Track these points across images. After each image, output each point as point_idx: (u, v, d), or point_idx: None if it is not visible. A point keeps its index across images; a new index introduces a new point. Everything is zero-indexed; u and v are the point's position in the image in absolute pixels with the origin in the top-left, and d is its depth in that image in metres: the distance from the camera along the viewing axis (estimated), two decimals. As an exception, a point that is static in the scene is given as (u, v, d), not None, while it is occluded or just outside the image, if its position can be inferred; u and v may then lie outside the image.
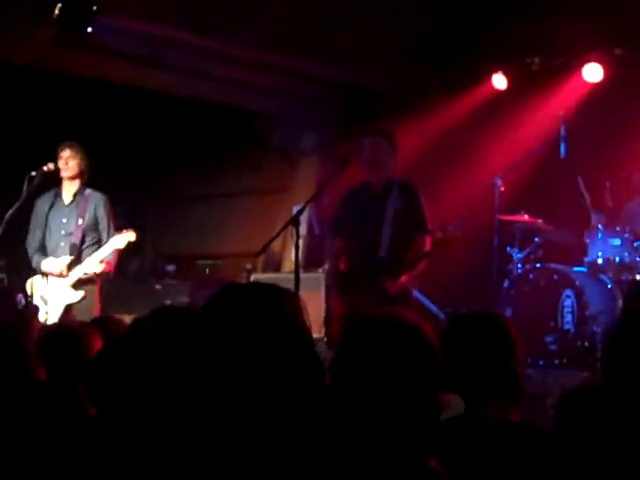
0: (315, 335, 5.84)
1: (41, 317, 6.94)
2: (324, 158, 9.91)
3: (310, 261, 8.69)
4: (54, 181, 7.17)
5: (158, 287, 9.81)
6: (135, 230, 6.99)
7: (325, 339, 6.17)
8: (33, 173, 6.95)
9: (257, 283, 2.30)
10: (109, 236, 7.02)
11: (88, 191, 7.17)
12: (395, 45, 8.79)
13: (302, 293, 5.83)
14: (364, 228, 6.21)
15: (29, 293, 7.06)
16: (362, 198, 6.36)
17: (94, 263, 6.90)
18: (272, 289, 2.21)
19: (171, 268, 10.32)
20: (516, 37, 8.56)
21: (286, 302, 2.18)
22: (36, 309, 6.98)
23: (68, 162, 7.05)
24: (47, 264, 7.00)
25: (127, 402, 2.93)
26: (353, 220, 6.34)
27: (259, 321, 2.10)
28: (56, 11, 7.33)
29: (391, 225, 6.14)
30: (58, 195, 7.17)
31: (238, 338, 2.09)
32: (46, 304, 6.96)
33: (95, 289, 7.00)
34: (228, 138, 10.27)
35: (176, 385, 2.42)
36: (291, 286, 5.81)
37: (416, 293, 7.55)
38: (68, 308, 6.92)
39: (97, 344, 4.00)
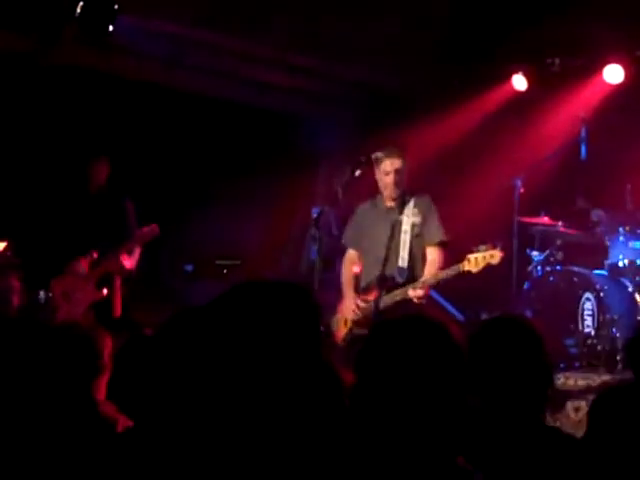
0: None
1: (62, 315, 6.98)
2: (345, 159, 9.89)
3: (328, 262, 8.67)
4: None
5: (176, 287, 9.81)
6: (158, 226, 7.06)
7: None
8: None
9: (274, 281, 2.25)
10: (130, 234, 7.06)
11: (112, 191, 7.25)
12: (416, 46, 8.77)
13: (323, 294, 5.87)
14: (380, 240, 6.24)
15: (51, 290, 7.10)
16: (375, 211, 6.43)
17: (116, 261, 6.94)
18: (288, 287, 2.19)
19: (189, 268, 10.32)
20: (536, 38, 8.53)
21: (303, 299, 2.17)
22: (56, 305, 7.02)
23: (100, 174, 7.28)
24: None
25: (149, 403, 2.94)
26: (368, 233, 6.41)
27: (275, 319, 2.10)
28: (78, 10, 7.35)
29: (409, 237, 6.18)
30: (83, 194, 7.29)
31: (246, 335, 2.08)
32: (68, 302, 6.99)
33: (116, 288, 7.03)
34: (249, 138, 10.26)
35: (191, 389, 2.42)
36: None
37: (434, 295, 7.55)
38: (89, 306, 6.94)
39: (107, 345, 4.02)
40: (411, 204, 6.31)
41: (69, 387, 3.72)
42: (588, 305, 7.09)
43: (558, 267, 7.56)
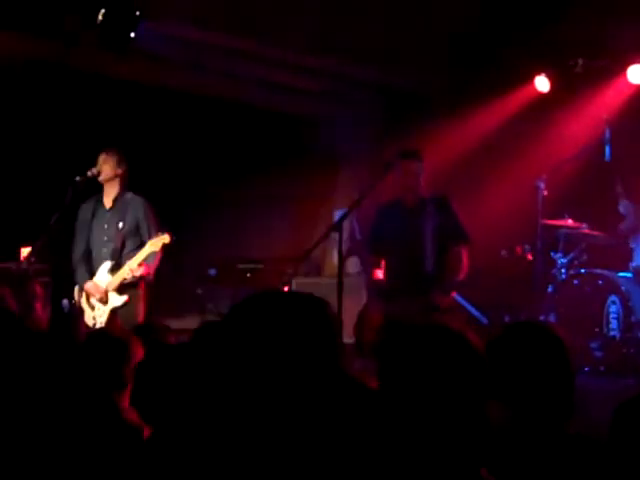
0: (347, 340, 5.83)
1: (89, 322, 6.98)
2: (366, 162, 9.89)
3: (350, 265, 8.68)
4: (98, 186, 7.20)
5: (199, 291, 9.83)
6: (170, 233, 6.97)
7: (356, 344, 6.18)
8: (77, 178, 6.99)
9: (285, 291, 2.21)
10: (150, 240, 7.01)
11: (128, 195, 7.15)
12: (436, 48, 8.75)
13: (344, 297, 5.84)
14: (404, 244, 6.27)
15: (76, 298, 7.10)
16: (395, 215, 6.43)
17: (133, 267, 6.90)
18: (301, 298, 2.15)
19: (212, 272, 10.33)
20: (559, 39, 8.49)
21: (316, 312, 2.14)
22: (81, 313, 7.03)
23: (102, 166, 7.06)
24: (90, 286, 7.03)
25: (170, 409, 2.95)
26: (389, 237, 6.40)
27: (284, 330, 2.05)
28: (99, 17, 7.38)
29: (432, 240, 6.20)
30: (99, 201, 7.18)
31: (260, 347, 2.04)
32: (93, 309, 7.00)
33: (139, 293, 7.00)
34: (271, 142, 10.28)
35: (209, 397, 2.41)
36: (333, 290, 5.81)
37: (458, 297, 7.53)
38: (113, 313, 6.94)
39: (139, 352, 4.01)
40: (431, 206, 6.31)
41: (97, 394, 3.74)
42: (613, 308, 7.05)
43: (582, 270, 7.51)
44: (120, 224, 7.06)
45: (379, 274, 6.52)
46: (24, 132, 9.50)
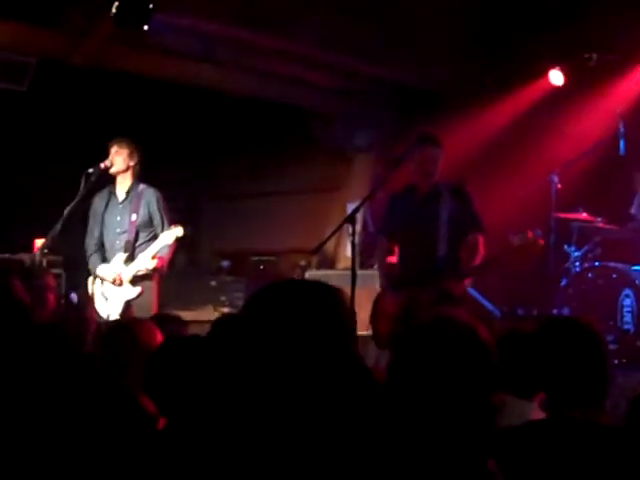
0: (364, 332, 5.78)
1: (103, 314, 7.00)
2: (378, 156, 9.90)
3: (364, 258, 8.67)
4: (110, 178, 7.21)
5: (213, 283, 9.85)
6: (183, 225, 6.98)
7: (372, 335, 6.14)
8: (90, 170, 7.00)
9: (300, 280, 2.22)
10: (164, 231, 7.01)
11: (141, 187, 7.14)
12: (449, 43, 8.74)
13: (357, 290, 5.82)
14: (417, 230, 6.19)
15: (90, 290, 7.12)
16: (409, 201, 6.35)
17: (146, 259, 6.92)
18: (316, 286, 2.15)
19: (226, 264, 10.36)
20: (573, 33, 8.47)
21: (331, 300, 2.14)
22: (92, 304, 7.04)
23: (113, 158, 7.07)
24: (102, 270, 7.04)
25: (183, 399, 2.96)
26: (403, 222, 6.33)
27: (300, 319, 2.05)
28: (113, 9, 7.39)
29: (447, 226, 6.12)
30: (112, 192, 7.19)
31: (277, 337, 2.04)
32: (107, 301, 7.02)
33: (152, 285, 7.01)
34: (283, 136, 10.29)
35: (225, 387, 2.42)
36: (346, 283, 5.79)
37: (471, 290, 7.52)
38: (127, 304, 6.96)
39: (154, 341, 4.01)
40: (447, 192, 6.24)
41: (112, 385, 3.75)
42: (627, 301, 7.03)
43: (596, 263, 7.50)
44: (133, 216, 7.07)
45: (392, 260, 6.47)
46: (39, 125, 9.55)
